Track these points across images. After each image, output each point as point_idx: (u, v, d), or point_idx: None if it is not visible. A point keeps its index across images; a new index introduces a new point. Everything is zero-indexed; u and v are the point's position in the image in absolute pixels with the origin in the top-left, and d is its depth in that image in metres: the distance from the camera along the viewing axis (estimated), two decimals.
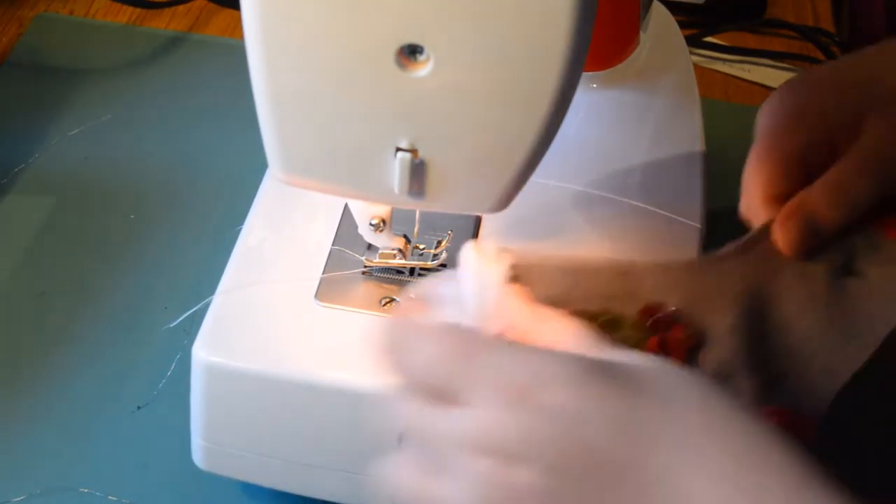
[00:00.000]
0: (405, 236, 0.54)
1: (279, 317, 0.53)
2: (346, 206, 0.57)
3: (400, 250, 0.54)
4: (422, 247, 0.54)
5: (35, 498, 0.57)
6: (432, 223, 0.55)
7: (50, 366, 0.63)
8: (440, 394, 0.39)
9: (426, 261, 0.54)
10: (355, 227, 0.54)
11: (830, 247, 0.48)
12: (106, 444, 0.60)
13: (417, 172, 0.46)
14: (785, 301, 0.48)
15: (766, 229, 0.49)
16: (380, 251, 0.54)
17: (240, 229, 0.57)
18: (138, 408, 0.61)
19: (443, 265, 0.53)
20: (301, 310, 0.53)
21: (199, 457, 0.55)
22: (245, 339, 0.52)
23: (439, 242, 0.54)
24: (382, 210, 0.52)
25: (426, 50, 0.42)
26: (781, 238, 0.48)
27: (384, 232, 0.53)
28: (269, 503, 0.57)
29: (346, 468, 0.52)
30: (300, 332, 0.52)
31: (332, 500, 0.54)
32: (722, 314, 0.47)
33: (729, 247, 0.49)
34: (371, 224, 0.53)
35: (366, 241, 0.54)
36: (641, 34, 0.67)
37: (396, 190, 0.47)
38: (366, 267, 0.55)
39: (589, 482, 0.37)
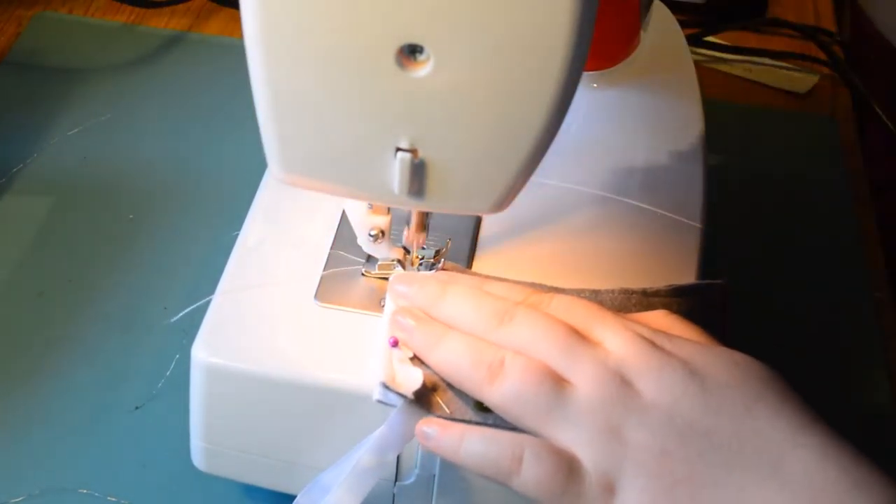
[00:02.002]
0: (404, 247, 0.54)
1: (278, 317, 0.52)
2: (343, 212, 0.56)
3: (399, 261, 0.54)
4: (420, 258, 0.54)
5: (34, 499, 0.57)
6: (432, 225, 0.55)
7: (48, 366, 0.63)
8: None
9: (425, 269, 0.54)
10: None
11: None
12: (105, 444, 0.60)
13: (417, 172, 0.46)
14: None
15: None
16: (379, 262, 0.54)
17: (238, 231, 0.57)
18: (136, 408, 0.61)
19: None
20: (300, 310, 0.53)
21: (197, 458, 0.55)
22: (244, 340, 0.52)
23: (438, 252, 0.54)
24: (381, 221, 0.52)
25: (426, 49, 0.42)
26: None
27: (383, 243, 0.53)
28: None
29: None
30: (299, 333, 0.52)
31: None
32: None
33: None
34: (370, 235, 0.52)
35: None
36: (642, 33, 0.67)
37: (396, 190, 0.47)
38: (364, 275, 0.55)
39: (692, 447, 0.43)
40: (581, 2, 0.40)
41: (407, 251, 0.54)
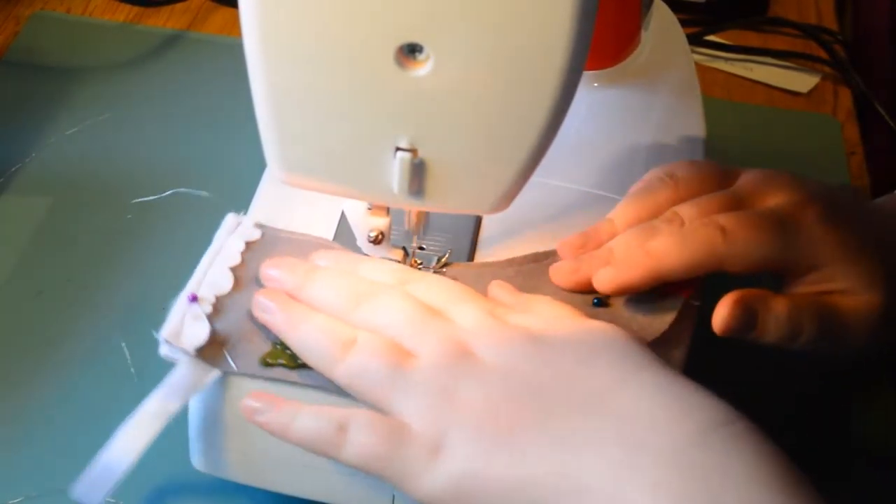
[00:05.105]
0: (404, 248, 0.54)
1: None
2: (342, 213, 0.56)
3: (398, 262, 0.54)
4: (419, 261, 0.54)
5: (32, 500, 0.57)
6: (432, 225, 0.54)
7: (47, 366, 0.63)
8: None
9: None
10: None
11: None
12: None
13: (417, 172, 0.46)
14: None
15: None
16: None
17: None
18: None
19: None
20: None
21: (197, 459, 0.54)
22: None
23: (439, 259, 0.54)
24: (381, 223, 0.52)
25: (426, 49, 0.42)
26: (721, 318, 0.50)
27: (383, 245, 0.53)
28: None
29: (345, 470, 0.52)
30: None
31: (331, 503, 0.54)
32: None
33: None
34: (370, 237, 0.52)
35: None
36: (643, 32, 0.67)
37: (396, 189, 0.47)
38: None
39: (521, 400, 0.44)
40: (581, 2, 0.40)
41: (406, 253, 0.54)
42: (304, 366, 0.49)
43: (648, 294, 0.51)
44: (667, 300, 0.51)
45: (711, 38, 0.91)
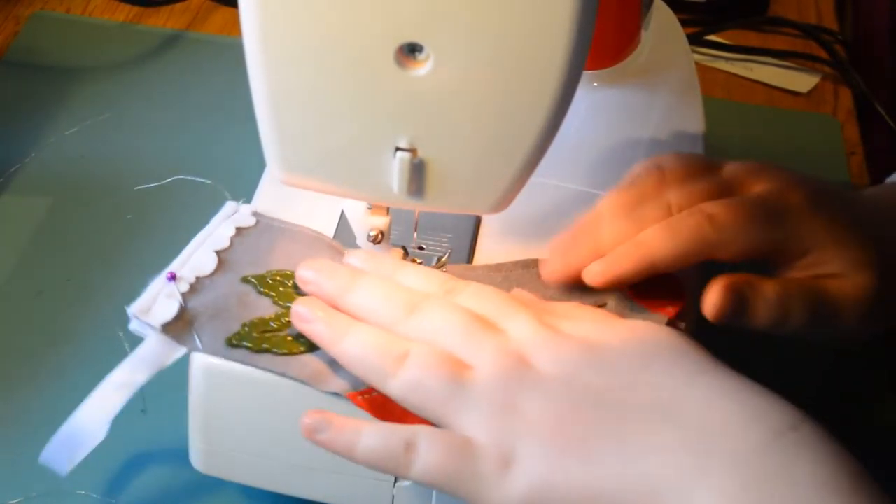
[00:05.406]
0: (404, 248, 0.54)
1: None
2: (342, 213, 0.56)
3: None
4: (419, 261, 0.54)
5: (31, 501, 0.57)
6: (432, 225, 0.54)
7: (47, 366, 0.63)
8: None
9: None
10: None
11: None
12: (103, 446, 0.59)
13: (417, 172, 0.46)
14: None
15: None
16: None
17: None
18: (142, 411, 0.61)
19: None
20: None
21: (196, 459, 0.54)
22: None
23: (439, 259, 0.54)
24: (381, 222, 0.52)
25: (426, 48, 0.42)
26: (711, 304, 0.49)
27: (382, 244, 0.53)
28: None
29: (345, 471, 0.52)
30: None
31: (330, 503, 0.54)
32: None
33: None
34: (369, 236, 0.52)
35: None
36: (643, 32, 0.67)
37: (396, 189, 0.47)
38: None
39: (586, 408, 0.44)
40: (581, 2, 0.40)
41: (406, 252, 0.54)
42: (266, 350, 0.49)
43: (630, 312, 0.51)
44: (648, 318, 0.50)
45: (711, 38, 0.91)
